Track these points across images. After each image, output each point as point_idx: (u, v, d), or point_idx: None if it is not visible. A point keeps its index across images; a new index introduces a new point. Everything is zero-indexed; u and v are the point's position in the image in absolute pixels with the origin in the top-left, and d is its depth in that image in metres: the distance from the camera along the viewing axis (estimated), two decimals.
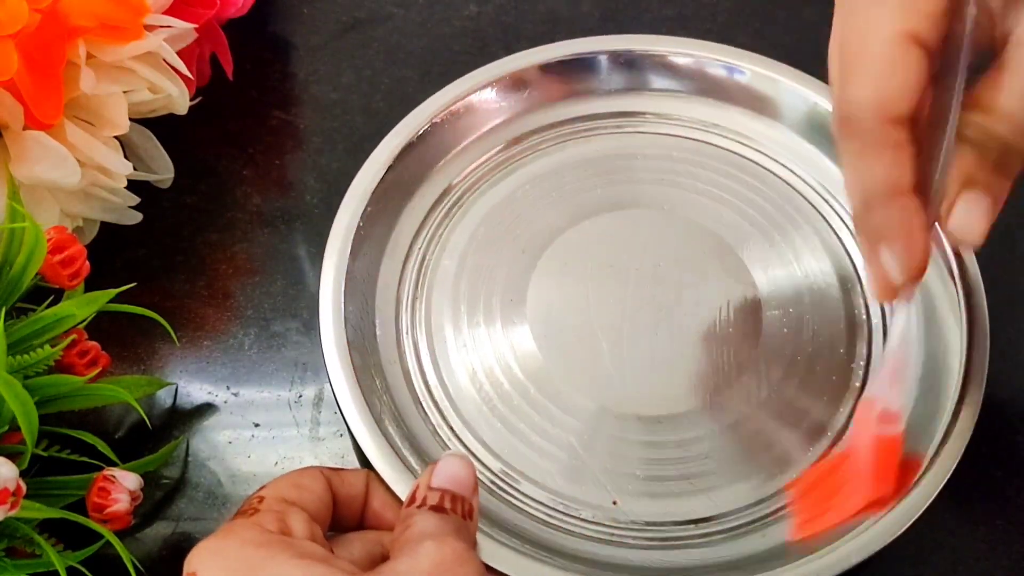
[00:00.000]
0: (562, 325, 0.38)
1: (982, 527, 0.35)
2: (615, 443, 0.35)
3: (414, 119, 0.41)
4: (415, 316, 0.39)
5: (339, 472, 0.31)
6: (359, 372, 0.35)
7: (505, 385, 0.37)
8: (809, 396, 0.37)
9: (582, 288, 0.39)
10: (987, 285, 0.39)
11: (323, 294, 0.36)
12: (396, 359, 0.37)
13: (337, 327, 0.35)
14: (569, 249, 0.40)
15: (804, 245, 0.40)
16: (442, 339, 0.38)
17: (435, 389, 0.37)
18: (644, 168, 0.42)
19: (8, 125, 0.36)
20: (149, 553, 0.35)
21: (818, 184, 0.42)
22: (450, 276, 0.39)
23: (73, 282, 0.33)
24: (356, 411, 0.34)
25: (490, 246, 0.40)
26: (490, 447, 0.35)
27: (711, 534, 0.34)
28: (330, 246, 0.37)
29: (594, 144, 0.43)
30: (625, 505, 0.34)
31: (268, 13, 0.50)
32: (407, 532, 0.27)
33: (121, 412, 0.38)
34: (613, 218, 0.41)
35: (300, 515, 0.28)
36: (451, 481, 0.29)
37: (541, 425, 0.36)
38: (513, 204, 0.41)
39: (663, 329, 0.38)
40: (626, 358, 0.37)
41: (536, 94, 0.43)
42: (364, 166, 0.40)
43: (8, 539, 0.30)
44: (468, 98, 0.42)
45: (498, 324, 0.38)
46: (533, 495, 0.35)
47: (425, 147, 0.41)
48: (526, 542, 0.33)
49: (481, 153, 0.43)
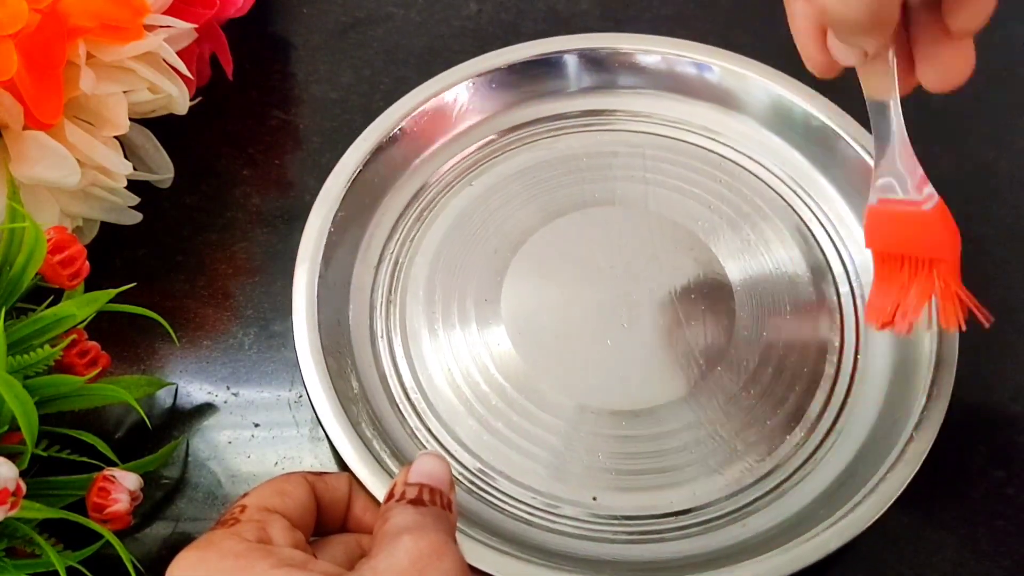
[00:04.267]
0: (537, 323, 0.38)
1: (982, 527, 0.35)
2: (593, 439, 0.36)
3: (383, 122, 0.42)
4: (390, 319, 0.39)
5: (322, 476, 0.31)
6: (334, 377, 0.35)
7: (482, 385, 0.37)
8: (784, 385, 0.37)
9: (556, 286, 0.39)
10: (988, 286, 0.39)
11: (296, 301, 0.37)
12: (372, 363, 0.38)
13: (312, 333, 0.36)
14: (542, 248, 0.40)
15: (774, 236, 0.41)
16: (417, 341, 0.38)
17: (412, 391, 0.37)
18: (616, 166, 0.43)
19: (8, 125, 0.36)
20: (149, 553, 0.35)
21: (787, 176, 0.42)
22: (423, 278, 0.40)
23: (73, 282, 0.33)
24: (333, 416, 0.34)
25: (463, 247, 0.41)
26: (468, 447, 0.36)
27: (690, 526, 0.34)
28: (301, 252, 0.38)
29: (565, 143, 0.44)
30: (604, 500, 0.35)
31: (268, 13, 0.50)
32: (385, 527, 0.27)
33: (121, 412, 0.38)
34: (585, 216, 0.41)
35: (280, 522, 0.28)
36: (427, 477, 0.29)
37: (519, 423, 0.36)
38: (485, 204, 0.42)
39: (637, 324, 0.38)
40: (601, 354, 0.37)
41: (505, 94, 0.44)
42: (333, 171, 0.40)
43: (8, 539, 0.30)
44: (438, 99, 0.43)
45: (473, 324, 0.38)
46: (512, 493, 0.35)
47: (396, 150, 0.42)
48: (506, 540, 0.33)
49: (452, 154, 0.43)
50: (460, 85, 0.43)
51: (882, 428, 0.35)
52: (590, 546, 0.34)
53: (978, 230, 0.42)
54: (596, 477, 0.35)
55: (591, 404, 0.36)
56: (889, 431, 0.34)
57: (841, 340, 0.38)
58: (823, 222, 0.41)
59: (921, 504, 0.35)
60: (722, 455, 0.35)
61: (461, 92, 0.43)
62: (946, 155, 0.44)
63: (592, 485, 0.35)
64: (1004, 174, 0.44)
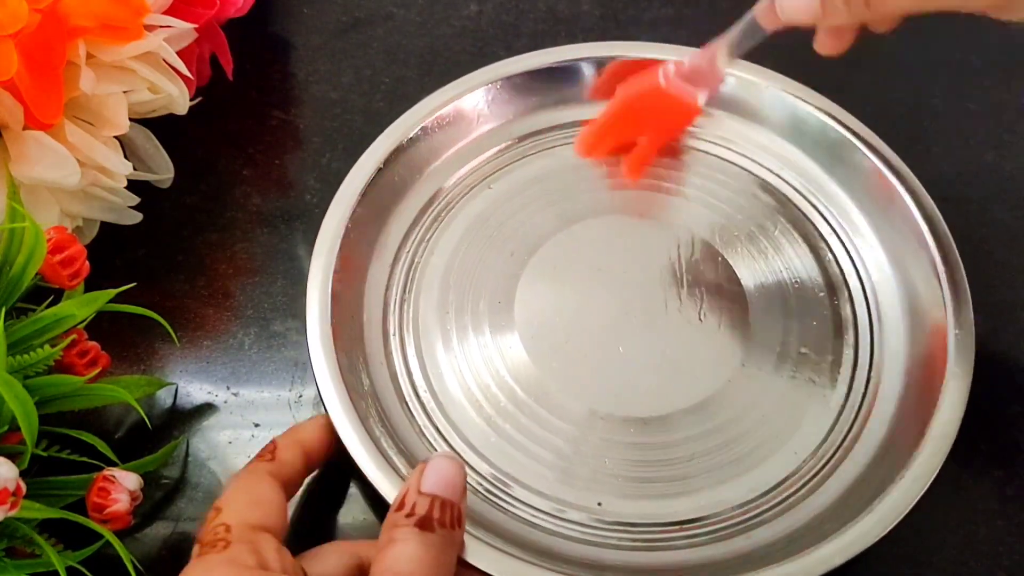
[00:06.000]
0: (550, 327, 0.38)
1: (982, 527, 0.35)
2: (601, 445, 0.36)
3: (406, 121, 0.41)
4: (403, 318, 0.39)
5: (276, 459, 0.31)
6: (345, 372, 0.35)
7: (492, 387, 0.37)
8: (796, 398, 0.37)
9: (570, 292, 0.39)
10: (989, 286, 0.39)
11: (310, 296, 0.36)
12: (383, 360, 0.38)
13: (324, 328, 0.36)
14: (558, 252, 0.40)
15: (790, 248, 0.40)
16: (430, 342, 0.38)
17: (422, 392, 0.37)
18: None
19: (8, 125, 0.36)
20: (149, 553, 0.35)
21: (801, 185, 0.42)
22: (438, 279, 0.40)
23: (73, 282, 0.33)
24: (342, 411, 0.34)
25: (479, 249, 0.40)
26: (478, 449, 0.36)
27: (695, 535, 0.34)
28: (318, 247, 0.38)
29: None
30: (610, 506, 0.34)
31: (268, 13, 0.50)
32: (388, 553, 0.27)
33: (121, 412, 0.38)
34: (601, 222, 0.41)
35: (271, 543, 0.28)
36: (441, 485, 0.29)
37: (529, 428, 0.36)
38: (502, 208, 0.42)
39: (650, 332, 0.38)
40: (613, 361, 0.37)
41: (524, 100, 0.44)
42: (354, 168, 0.40)
43: (8, 539, 0.30)
44: (459, 102, 0.42)
45: (486, 327, 0.38)
46: (521, 497, 0.35)
47: (416, 150, 0.42)
48: (509, 542, 0.33)
49: (471, 157, 0.43)
50: (480, 90, 0.43)
51: (891, 445, 0.35)
52: (593, 551, 0.33)
53: (979, 231, 0.42)
54: (603, 483, 0.35)
55: (601, 410, 0.36)
56: (899, 448, 0.34)
57: (855, 354, 0.38)
58: (839, 233, 0.41)
59: (921, 504, 0.35)
60: (730, 467, 0.35)
61: (480, 97, 0.43)
62: (947, 156, 0.44)
63: (598, 491, 0.35)
64: (1005, 175, 0.44)
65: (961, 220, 0.40)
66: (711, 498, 0.35)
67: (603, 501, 0.34)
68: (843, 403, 0.37)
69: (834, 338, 0.38)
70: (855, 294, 0.39)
